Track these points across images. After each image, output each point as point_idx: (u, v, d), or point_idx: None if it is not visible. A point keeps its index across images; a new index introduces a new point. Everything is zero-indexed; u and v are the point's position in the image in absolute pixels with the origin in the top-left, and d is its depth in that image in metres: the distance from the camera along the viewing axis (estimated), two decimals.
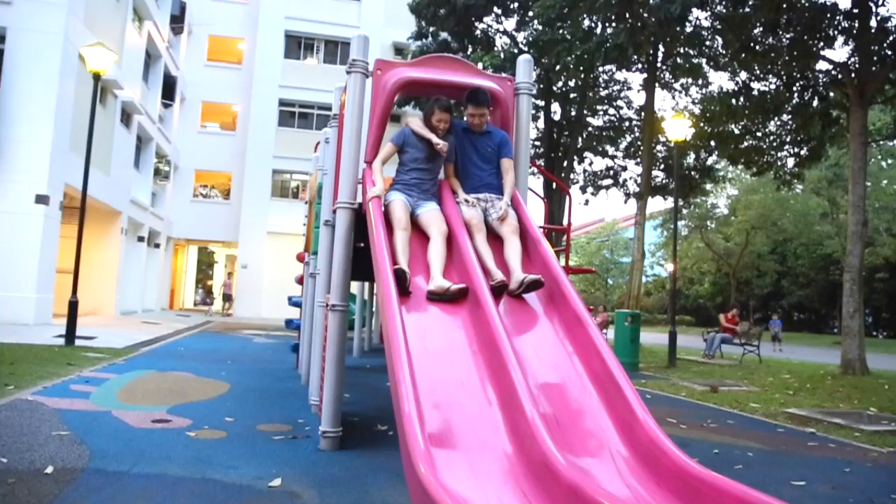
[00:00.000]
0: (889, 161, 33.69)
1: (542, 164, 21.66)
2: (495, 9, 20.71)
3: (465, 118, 4.61)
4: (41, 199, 13.20)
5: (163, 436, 4.68)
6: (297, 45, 28.23)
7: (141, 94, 20.31)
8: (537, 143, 22.85)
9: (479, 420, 2.96)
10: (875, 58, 13.10)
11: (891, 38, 12.91)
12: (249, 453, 4.33)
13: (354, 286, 12.47)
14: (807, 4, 13.13)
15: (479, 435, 2.92)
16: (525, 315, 3.70)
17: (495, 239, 4.16)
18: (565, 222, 9.91)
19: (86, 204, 10.66)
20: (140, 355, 9.76)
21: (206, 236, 28.98)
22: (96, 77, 10.72)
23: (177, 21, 24.95)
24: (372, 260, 3.88)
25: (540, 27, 17.97)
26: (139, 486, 3.50)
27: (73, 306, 10.13)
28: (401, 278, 3.62)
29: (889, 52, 13.09)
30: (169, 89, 24.51)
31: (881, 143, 27.47)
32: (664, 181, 23.20)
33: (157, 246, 24.71)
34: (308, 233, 8.49)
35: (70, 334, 10.00)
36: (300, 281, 9.80)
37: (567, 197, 11.77)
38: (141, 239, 21.93)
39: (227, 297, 26.19)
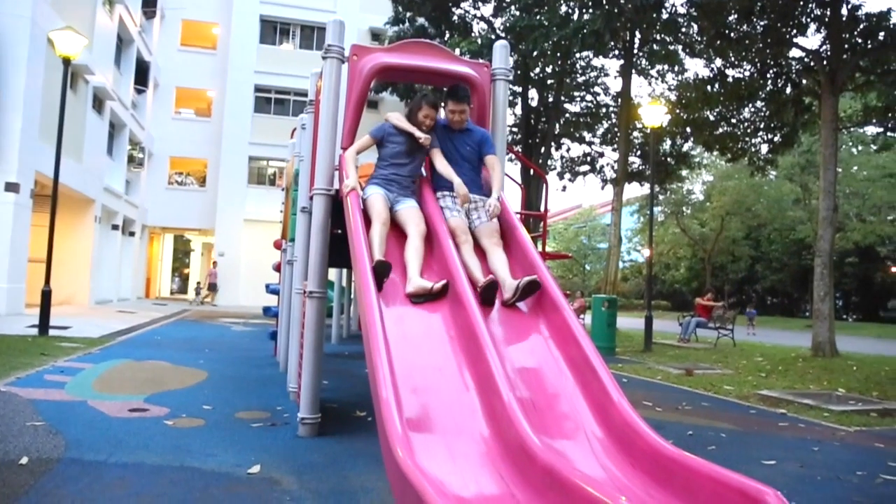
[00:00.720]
0: (860, 147, 34.23)
1: (520, 150, 21.71)
2: None
3: (442, 114, 4.55)
4: (11, 187, 12.97)
5: (140, 425, 4.65)
6: (273, 31, 27.91)
7: (113, 79, 19.97)
8: (515, 129, 22.86)
9: (456, 404, 3.00)
10: (846, 45, 13.29)
11: (861, 26, 13.09)
12: (228, 441, 4.33)
13: (332, 273, 12.44)
14: None
15: (456, 419, 2.95)
16: (501, 301, 3.73)
17: (477, 245, 4.07)
18: (542, 208, 9.96)
19: (58, 192, 10.48)
20: (116, 344, 9.67)
21: (181, 224, 28.68)
22: (66, 62, 10.51)
23: (149, 5, 24.52)
24: (349, 247, 3.88)
25: (517, 13, 17.97)
26: (116, 475, 3.49)
27: (46, 296, 9.98)
28: (381, 271, 3.56)
29: (859, 40, 13.29)
30: (142, 75, 24.11)
31: (851, 129, 27.89)
32: (640, 167, 23.39)
33: (132, 234, 24.41)
34: (285, 220, 8.45)
35: (43, 324, 9.86)
36: (278, 268, 9.75)
37: (544, 183, 11.81)
38: (115, 227, 21.64)
39: (213, 287, 25.85)
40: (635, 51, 20.05)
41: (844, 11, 13.09)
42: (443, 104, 4.50)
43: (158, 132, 26.75)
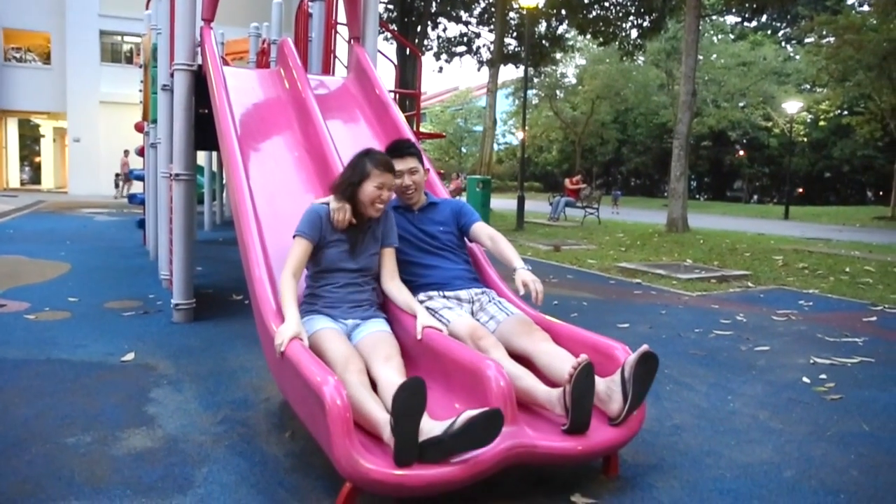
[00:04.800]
0: (719, 36, 35.85)
1: (396, 28, 21.03)
2: None
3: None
4: None
5: None
6: None
7: None
8: (389, 6, 22.00)
9: None
10: None
11: None
12: (97, 331, 4.20)
13: (201, 158, 11.86)
14: None
15: None
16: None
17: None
18: (417, 87, 9.86)
19: None
20: None
21: (26, 107, 25.74)
22: None
23: None
24: (216, 127, 3.72)
25: None
26: None
27: None
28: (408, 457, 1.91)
29: None
30: None
31: (713, 18, 29.04)
32: (516, 49, 23.39)
33: None
34: (145, 100, 7.89)
35: None
36: (141, 152, 9.17)
37: (419, 62, 11.61)
38: None
39: (127, 177, 23.29)
40: None
41: None
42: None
43: None
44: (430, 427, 1.95)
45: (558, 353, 2.47)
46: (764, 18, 37.99)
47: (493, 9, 22.77)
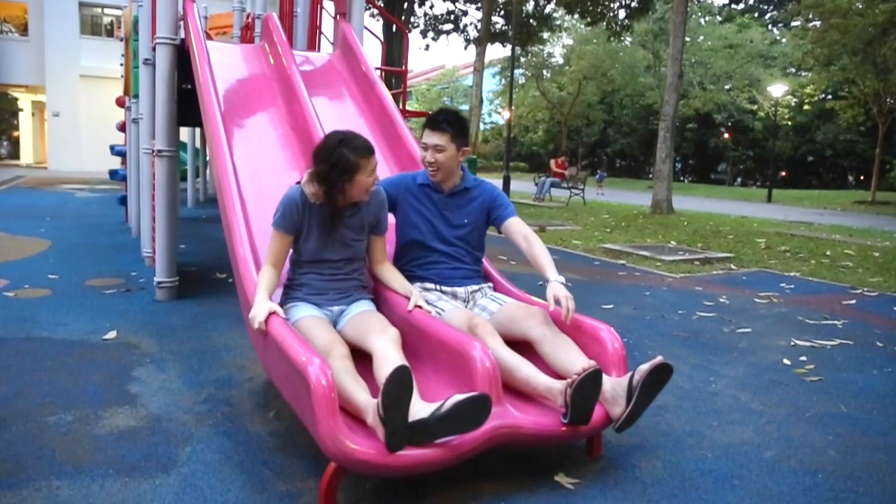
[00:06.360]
0: (707, 18, 35.77)
1: (382, 4, 20.78)
2: None
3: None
4: None
5: None
6: None
7: None
8: None
9: None
10: None
11: None
12: (79, 309, 4.16)
13: (185, 134, 11.72)
14: None
15: None
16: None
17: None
18: (403, 65, 9.76)
19: None
20: None
21: (3, 79, 25.22)
22: None
23: None
24: (199, 102, 3.66)
25: None
26: None
27: None
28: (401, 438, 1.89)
29: None
30: None
31: None
32: (503, 28, 23.23)
33: None
34: (127, 74, 7.75)
35: None
36: (122, 128, 9.03)
37: (405, 39, 11.50)
38: None
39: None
40: None
41: None
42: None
43: None
44: (418, 408, 1.93)
45: (562, 342, 2.38)
46: (751, 1, 37.98)
47: None
